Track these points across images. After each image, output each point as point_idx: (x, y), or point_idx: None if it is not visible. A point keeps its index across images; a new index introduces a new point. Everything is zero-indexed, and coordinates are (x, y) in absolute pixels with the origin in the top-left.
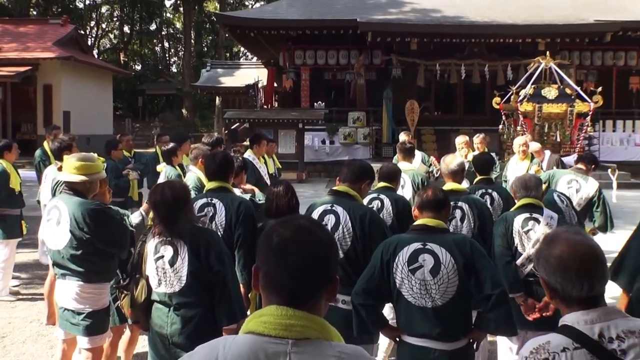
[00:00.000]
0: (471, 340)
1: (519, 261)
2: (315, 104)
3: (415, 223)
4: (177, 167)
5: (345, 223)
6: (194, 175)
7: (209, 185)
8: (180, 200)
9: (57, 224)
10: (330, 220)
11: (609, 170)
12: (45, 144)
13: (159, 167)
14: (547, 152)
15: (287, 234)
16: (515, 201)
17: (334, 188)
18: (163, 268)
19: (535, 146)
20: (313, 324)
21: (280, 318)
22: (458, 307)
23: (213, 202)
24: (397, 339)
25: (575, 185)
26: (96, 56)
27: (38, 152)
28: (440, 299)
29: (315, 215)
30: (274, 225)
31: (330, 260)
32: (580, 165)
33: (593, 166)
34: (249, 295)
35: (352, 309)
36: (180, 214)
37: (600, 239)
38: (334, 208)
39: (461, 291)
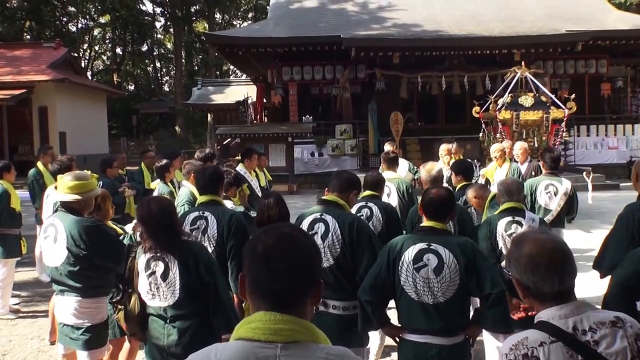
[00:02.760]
0: (467, 337)
1: (503, 263)
2: (303, 117)
3: (421, 225)
4: (169, 183)
5: (334, 231)
6: (187, 189)
7: (201, 199)
8: (167, 214)
9: (54, 241)
10: (320, 228)
11: (584, 173)
12: (39, 163)
13: (152, 184)
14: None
15: (270, 241)
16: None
17: (323, 197)
18: (156, 283)
19: (523, 145)
20: (300, 327)
21: (268, 323)
22: (458, 303)
23: (205, 215)
24: (397, 338)
25: (552, 189)
26: (90, 77)
27: (32, 172)
28: (442, 296)
29: (305, 223)
30: (258, 234)
31: (313, 263)
32: (544, 169)
33: (554, 162)
34: (243, 305)
35: (343, 313)
36: (168, 228)
37: (576, 239)
38: (323, 217)
39: (461, 289)
